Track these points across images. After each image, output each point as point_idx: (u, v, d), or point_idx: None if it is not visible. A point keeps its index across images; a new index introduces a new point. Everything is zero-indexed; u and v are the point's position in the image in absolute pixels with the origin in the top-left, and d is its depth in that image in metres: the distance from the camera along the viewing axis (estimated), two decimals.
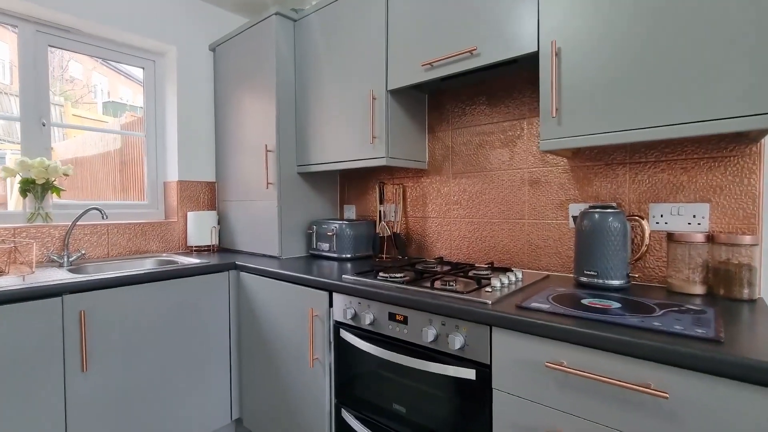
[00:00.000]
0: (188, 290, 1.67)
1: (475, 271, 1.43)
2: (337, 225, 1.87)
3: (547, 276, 1.42)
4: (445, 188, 1.79)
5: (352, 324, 1.34)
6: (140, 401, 1.53)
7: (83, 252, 1.81)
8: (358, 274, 1.43)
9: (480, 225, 1.67)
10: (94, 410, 1.42)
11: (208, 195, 2.34)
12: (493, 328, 1.00)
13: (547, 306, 1.00)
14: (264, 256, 1.99)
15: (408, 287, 1.23)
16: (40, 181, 1.76)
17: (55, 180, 1.82)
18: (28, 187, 1.76)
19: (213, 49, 2.31)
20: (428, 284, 1.23)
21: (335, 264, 1.76)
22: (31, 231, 1.72)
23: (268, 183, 1.93)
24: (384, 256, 1.89)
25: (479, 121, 1.67)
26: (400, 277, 1.35)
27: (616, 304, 1.01)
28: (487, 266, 1.51)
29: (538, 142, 1.34)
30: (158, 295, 1.58)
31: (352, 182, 2.20)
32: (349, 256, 1.86)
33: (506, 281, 1.24)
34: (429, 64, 1.42)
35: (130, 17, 2.01)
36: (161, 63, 2.27)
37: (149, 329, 1.55)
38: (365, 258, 1.92)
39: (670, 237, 1.17)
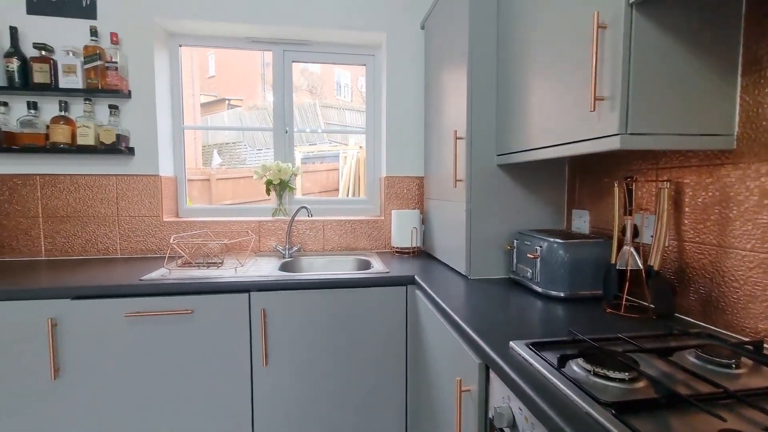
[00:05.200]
0: (360, 301, 1.50)
1: None
2: (544, 243, 1.23)
3: None
4: None
5: None
6: (318, 403, 1.50)
7: (298, 246, 1.97)
8: (536, 346, 0.81)
9: None
10: (276, 405, 1.47)
11: (416, 192, 2.13)
12: None
13: None
14: (453, 271, 1.58)
15: None
16: (276, 181, 2.03)
17: (288, 180, 2.07)
18: (270, 186, 2.07)
19: (423, 26, 2.04)
20: None
21: (537, 303, 1.15)
22: (268, 224, 2.01)
23: (456, 180, 1.49)
24: (624, 302, 1.09)
25: None
26: (621, 382, 0.65)
27: None
28: None
29: None
30: (332, 302, 1.48)
31: (585, 174, 1.42)
32: (561, 294, 1.18)
33: None
34: None
35: (347, 13, 2.01)
36: (379, 55, 2.20)
37: (323, 335, 1.49)
38: (591, 301, 1.18)
39: None
